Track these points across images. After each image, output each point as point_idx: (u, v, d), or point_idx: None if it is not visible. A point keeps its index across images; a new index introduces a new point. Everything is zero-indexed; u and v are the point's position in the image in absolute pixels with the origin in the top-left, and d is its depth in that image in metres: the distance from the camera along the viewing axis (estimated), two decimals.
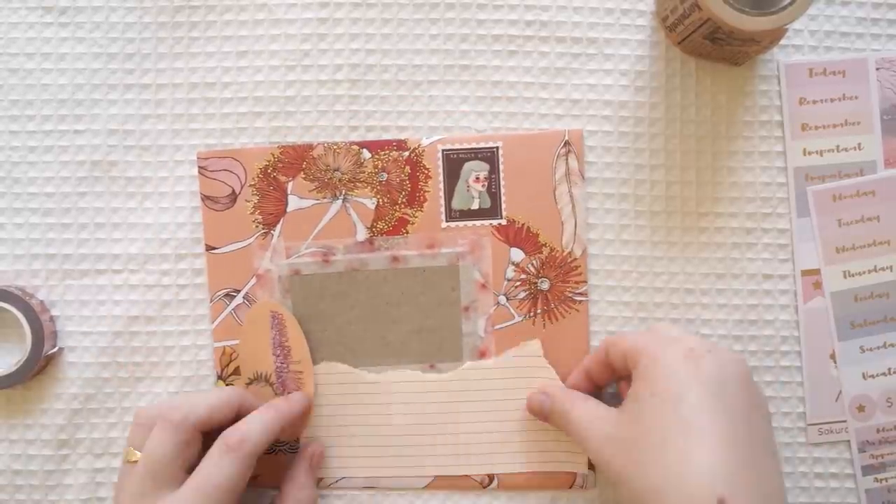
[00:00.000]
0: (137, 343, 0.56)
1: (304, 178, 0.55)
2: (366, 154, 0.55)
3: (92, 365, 0.55)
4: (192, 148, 0.56)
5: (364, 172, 0.55)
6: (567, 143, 0.55)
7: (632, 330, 0.55)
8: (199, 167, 0.55)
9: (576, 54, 0.56)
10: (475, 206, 0.55)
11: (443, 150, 0.55)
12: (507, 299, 0.55)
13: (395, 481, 0.55)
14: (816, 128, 0.55)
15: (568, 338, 0.55)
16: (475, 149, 0.55)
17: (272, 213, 0.55)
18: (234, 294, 0.55)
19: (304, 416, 0.54)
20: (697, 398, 0.43)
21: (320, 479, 0.55)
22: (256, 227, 0.55)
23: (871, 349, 0.55)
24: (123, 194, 0.56)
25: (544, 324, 0.55)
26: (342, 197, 0.55)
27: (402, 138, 0.55)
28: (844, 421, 0.55)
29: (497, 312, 0.55)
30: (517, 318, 0.55)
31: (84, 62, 0.56)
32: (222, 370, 0.55)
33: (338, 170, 0.55)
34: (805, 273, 0.55)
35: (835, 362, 0.55)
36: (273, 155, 0.55)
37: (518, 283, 0.55)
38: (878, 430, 0.55)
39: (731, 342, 0.55)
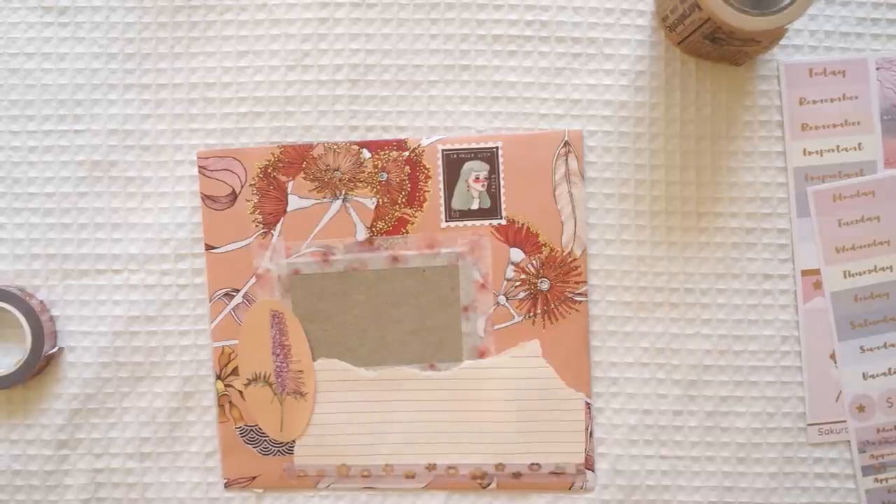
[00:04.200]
0: (137, 343, 0.56)
1: (305, 178, 0.55)
2: (366, 154, 0.55)
3: (92, 365, 0.55)
4: (192, 148, 0.56)
5: (364, 172, 0.55)
6: (567, 144, 0.55)
7: None
8: (200, 167, 0.55)
9: (576, 54, 0.56)
10: (475, 206, 0.55)
11: (443, 150, 0.55)
12: (507, 299, 0.55)
13: (392, 480, 0.55)
14: (816, 128, 0.55)
15: (568, 338, 0.55)
16: (475, 149, 0.55)
17: (272, 212, 0.55)
18: (234, 294, 0.55)
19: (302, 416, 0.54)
20: None
21: (320, 479, 0.55)
22: (256, 226, 0.55)
23: (871, 349, 0.55)
24: (123, 194, 0.56)
25: (544, 324, 0.55)
26: (342, 196, 0.55)
27: (402, 138, 0.55)
28: (844, 421, 0.55)
29: (497, 312, 0.55)
30: (517, 318, 0.55)
31: (84, 62, 0.56)
32: (221, 370, 0.55)
33: (338, 169, 0.55)
34: (805, 273, 0.55)
35: (835, 362, 0.55)
36: (273, 154, 0.55)
37: (518, 283, 0.55)
38: (878, 431, 0.55)
39: (731, 342, 0.55)
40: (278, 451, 0.55)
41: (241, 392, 0.55)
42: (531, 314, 0.55)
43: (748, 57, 0.54)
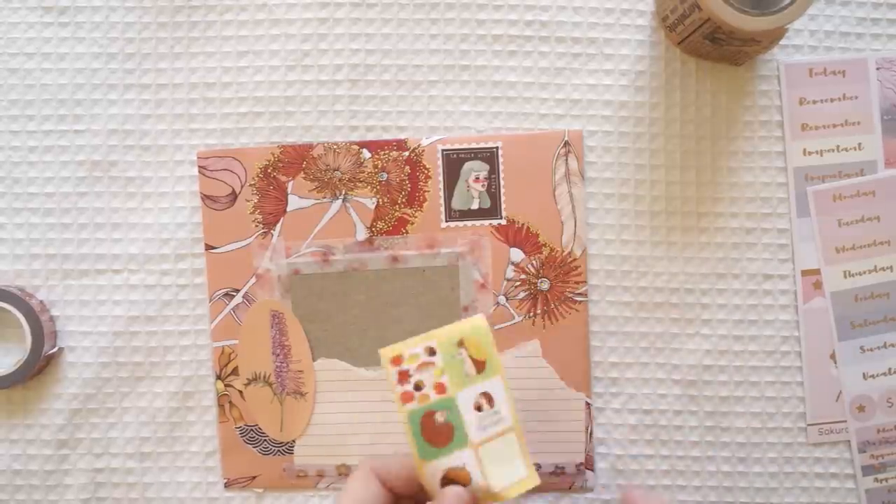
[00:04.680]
0: (137, 343, 0.56)
1: (305, 178, 0.55)
2: (366, 154, 0.55)
3: (92, 365, 0.55)
4: (192, 148, 0.56)
5: (364, 172, 0.55)
6: (567, 144, 0.55)
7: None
8: (200, 166, 0.55)
9: (576, 54, 0.56)
10: (475, 205, 0.55)
11: (442, 150, 0.55)
12: (507, 299, 0.55)
13: None
14: (816, 128, 0.55)
15: (567, 338, 0.55)
16: (475, 149, 0.55)
17: (272, 212, 0.55)
18: (234, 294, 0.55)
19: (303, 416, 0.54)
20: None
21: (320, 479, 0.55)
22: (256, 226, 0.55)
23: (871, 349, 0.55)
24: (123, 194, 0.56)
25: (544, 324, 0.55)
26: (342, 196, 0.55)
27: (402, 138, 0.55)
28: (844, 421, 0.55)
29: (497, 312, 0.55)
30: (517, 318, 0.55)
31: (84, 62, 0.56)
32: (220, 370, 0.55)
33: (338, 169, 0.55)
34: (805, 273, 0.55)
35: (835, 362, 0.55)
36: (273, 154, 0.55)
37: (518, 283, 0.55)
38: (878, 431, 0.55)
39: (731, 342, 0.55)
40: (278, 450, 0.55)
41: (240, 392, 0.55)
42: (531, 314, 0.55)
43: (748, 57, 0.54)
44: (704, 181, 0.56)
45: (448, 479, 0.42)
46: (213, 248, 0.55)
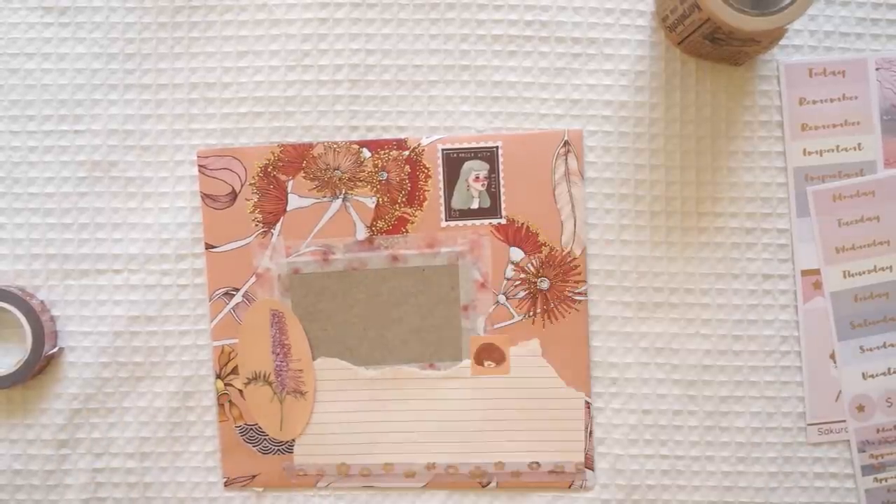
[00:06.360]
0: (137, 343, 0.56)
1: (305, 177, 0.55)
2: (366, 153, 0.55)
3: (92, 365, 0.55)
4: (192, 148, 0.56)
5: (364, 171, 0.55)
6: (567, 143, 0.55)
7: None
8: (200, 165, 0.55)
9: (576, 54, 0.56)
10: (475, 205, 0.55)
11: (442, 150, 0.55)
12: (507, 298, 0.55)
13: (392, 479, 0.55)
14: (816, 128, 0.55)
15: (567, 337, 0.55)
16: (475, 148, 0.55)
17: (272, 211, 0.55)
18: (234, 293, 0.55)
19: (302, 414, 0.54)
20: None
21: (320, 478, 0.55)
22: (256, 225, 0.55)
23: (870, 349, 0.55)
24: (123, 194, 0.56)
25: (544, 323, 0.55)
26: (342, 196, 0.55)
27: (402, 138, 0.55)
28: (844, 421, 0.55)
29: (496, 311, 0.55)
30: (516, 318, 0.55)
31: (84, 62, 0.56)
32: (221, 369, 0.55)
33: (338, 168, 0.55)
34: (805, 273, 0.55)
35: (835, 362, 0.55)
36: (273, 154, 0.55)
37: (517, 283, 0.55)
38: (877, 430, 0.55)
39: (731, 342, 0.55)
40: (278, 450, 0.55)
41: (240, 391, 0.55)
42: (531, 313, 0.55)
43: (748, 57, 0.54)
44: (704, 181, 0.56)
45: None
46: (213, 247, 0.55)
